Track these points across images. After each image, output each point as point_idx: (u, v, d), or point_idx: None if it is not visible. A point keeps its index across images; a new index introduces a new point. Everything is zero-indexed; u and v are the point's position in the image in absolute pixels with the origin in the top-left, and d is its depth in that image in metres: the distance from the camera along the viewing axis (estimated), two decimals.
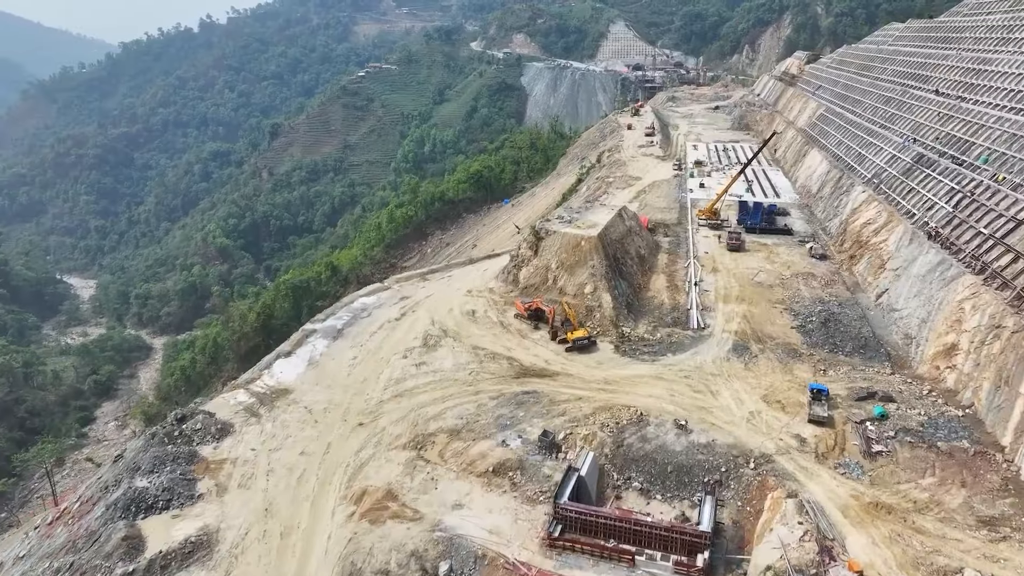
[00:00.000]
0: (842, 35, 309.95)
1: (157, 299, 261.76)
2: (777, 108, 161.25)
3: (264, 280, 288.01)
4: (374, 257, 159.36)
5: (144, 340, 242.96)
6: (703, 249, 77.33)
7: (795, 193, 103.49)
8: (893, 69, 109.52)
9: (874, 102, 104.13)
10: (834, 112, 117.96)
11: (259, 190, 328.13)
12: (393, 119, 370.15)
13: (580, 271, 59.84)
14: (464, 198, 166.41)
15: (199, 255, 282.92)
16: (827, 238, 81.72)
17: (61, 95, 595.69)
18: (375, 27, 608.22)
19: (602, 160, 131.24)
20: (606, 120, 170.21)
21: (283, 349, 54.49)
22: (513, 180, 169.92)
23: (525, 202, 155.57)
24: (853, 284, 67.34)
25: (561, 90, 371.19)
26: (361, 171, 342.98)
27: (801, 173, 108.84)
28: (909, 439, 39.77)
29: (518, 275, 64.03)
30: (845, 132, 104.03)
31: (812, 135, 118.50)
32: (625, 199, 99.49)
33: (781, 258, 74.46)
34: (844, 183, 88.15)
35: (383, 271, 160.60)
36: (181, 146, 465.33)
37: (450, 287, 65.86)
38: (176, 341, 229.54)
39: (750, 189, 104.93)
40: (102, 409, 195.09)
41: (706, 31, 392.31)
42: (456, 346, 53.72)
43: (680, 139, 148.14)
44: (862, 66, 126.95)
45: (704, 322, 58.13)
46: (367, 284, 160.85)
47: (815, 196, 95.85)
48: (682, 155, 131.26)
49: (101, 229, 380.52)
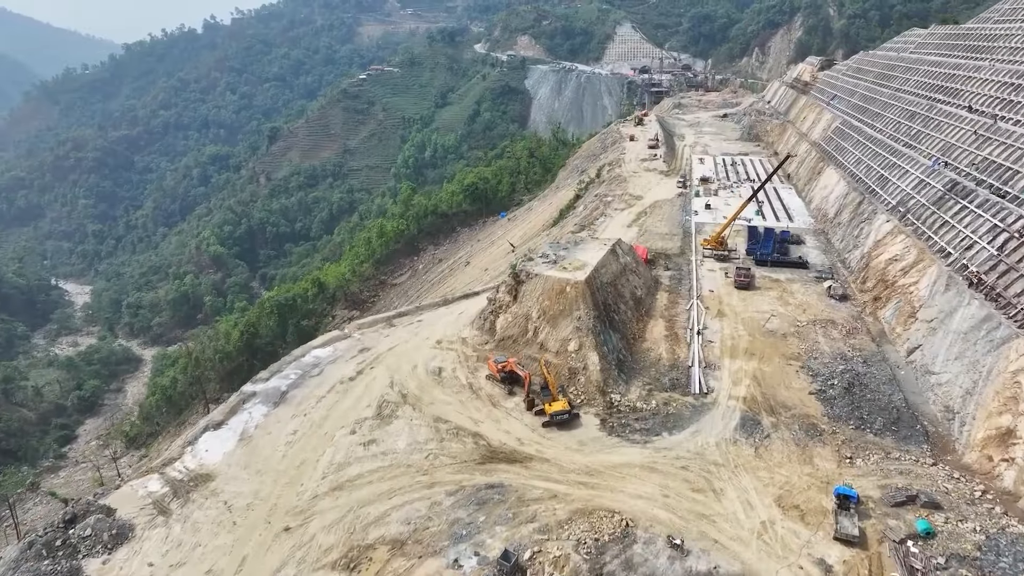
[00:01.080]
0: (855, 38, 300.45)
1: (148, 309, 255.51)
2: (789, 118, 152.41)
3: (259, 289, 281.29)
4: (363, 273, 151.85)
5: (134, 352, 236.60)
6: (708, 287, 68.99)
7: (809, 216, 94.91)
8: (917, 80, 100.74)
9: (897, 116, 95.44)
10: (851, 126, 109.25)
11: (256, 196, 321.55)
12: (394, 123, 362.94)
13: (564, 323, 51.68)
14: (459, 211, 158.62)
15: (192, 263, 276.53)
16: (847, 272, 73.20)
17: (64, 96, 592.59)
18: (379, 28, 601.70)
19: (601, 175, 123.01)
20: (607, 130, 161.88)
21: (214, 418, 46.59)
22: (510, 192, 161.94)
23: (522, 216, 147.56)
24: (879, 333, 58.90)
25: (566, 94, 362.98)
26: (361, 176, 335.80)
27: (816, 193, 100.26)
28: (964, 572, 31.45)
29: (495, 323, 55.98)
30: (864, 149, 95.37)
31: (827, 150, 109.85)
32: (623, 223, 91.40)
33: (796, 298, 66.06)
34: (865, 209, 79.59)
35: (372, 288, 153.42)
36: (182, 149, 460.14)
37: (418, 336, 57.79)
38: (165, 353, 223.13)
39: (760, 211, 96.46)
40: (85, 427, 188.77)
41: (715, 33, 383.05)
42: (415, 417, 45.70)
43: (686, 151, 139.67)
44: (881, 75, 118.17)
45: (707, 385, 49.89)
46: (355, 302, 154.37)
47: (832, 221, 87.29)
48: (687, 170, 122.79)
49: (98, 234, 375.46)
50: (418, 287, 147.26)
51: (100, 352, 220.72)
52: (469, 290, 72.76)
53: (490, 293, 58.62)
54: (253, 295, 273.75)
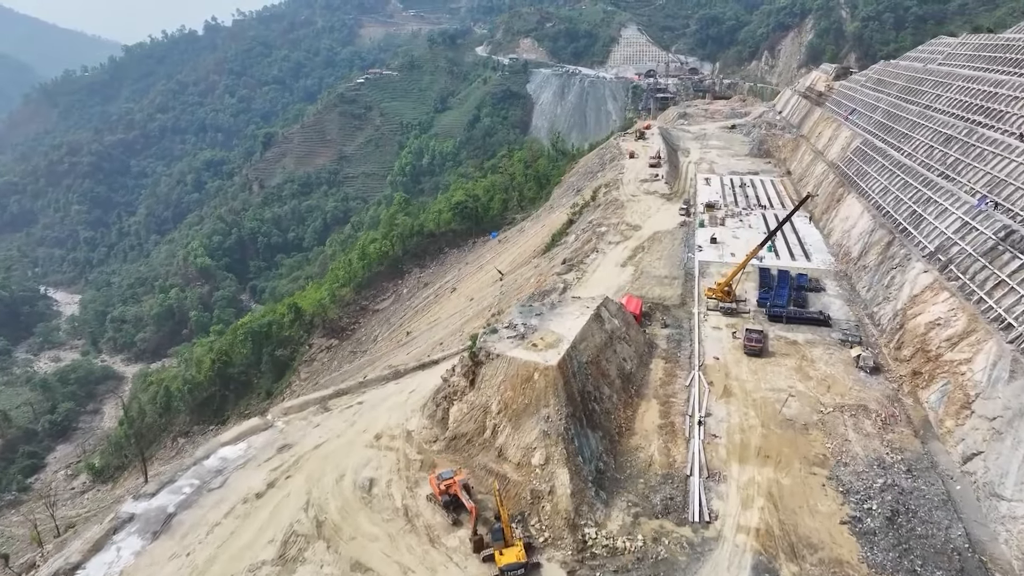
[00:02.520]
0: (868, 41, 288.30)
1: (132, 323, 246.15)
2: (802, 132, 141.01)
3: (248, 302, 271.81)
4: (343, 298, 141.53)
5: (114, 370, 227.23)
6: (712, 352, 58.05)
7: (829, 253, 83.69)
8: (950, 98, 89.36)
9: (928, 139, 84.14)
10: (874, 147, 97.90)
11: (248, 204, 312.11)
12: (392, 128, 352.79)
13: (529, 424, 40.92)
14: (447, 231, 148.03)
15: (179, 275, 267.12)
16: (876, 332, 62.07)
17: (62, 99, 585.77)
18: (381, 30, 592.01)
19: (597, 198, 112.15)
20: (606, 145, 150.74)
21: (71, 559, 36.03)
22: (503, 210, 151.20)
23: (513, 238, 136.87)
24: (922, 422, 47.88)
25: (569, 98, 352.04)
26: (356, 184, 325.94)
27: (836, 224, 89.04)
28: None
29: (448, 412, 45.30)
30: (892, 177, 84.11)
31: (848, 174, 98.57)
32: (617, 260, 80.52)
33: (818, 369, 55.05)
34: (896, 252, 68.39)
35: (352, 314, 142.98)
36: (179, 153, 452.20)
37: (354, 426, 47.06)
38: (147, 372, 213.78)
39: (773, 246, 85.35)
40: (55, 454, 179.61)
41: (723, 36, 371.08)
42: (327, 562, 35.01)
43: (690, 169, 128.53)
44: (907, 89, 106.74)
45: (710, 508, 39.02)
46: (334, 329, 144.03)
47: (856, 263, 76.10)
48: (692, 193, 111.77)
49: (91, 241, 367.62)
50: (401, 313, 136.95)
51: (78, 371, 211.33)
52: (427, 357, 61.96)
53: (446, 369, 47.86)
54: (242, 308, 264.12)
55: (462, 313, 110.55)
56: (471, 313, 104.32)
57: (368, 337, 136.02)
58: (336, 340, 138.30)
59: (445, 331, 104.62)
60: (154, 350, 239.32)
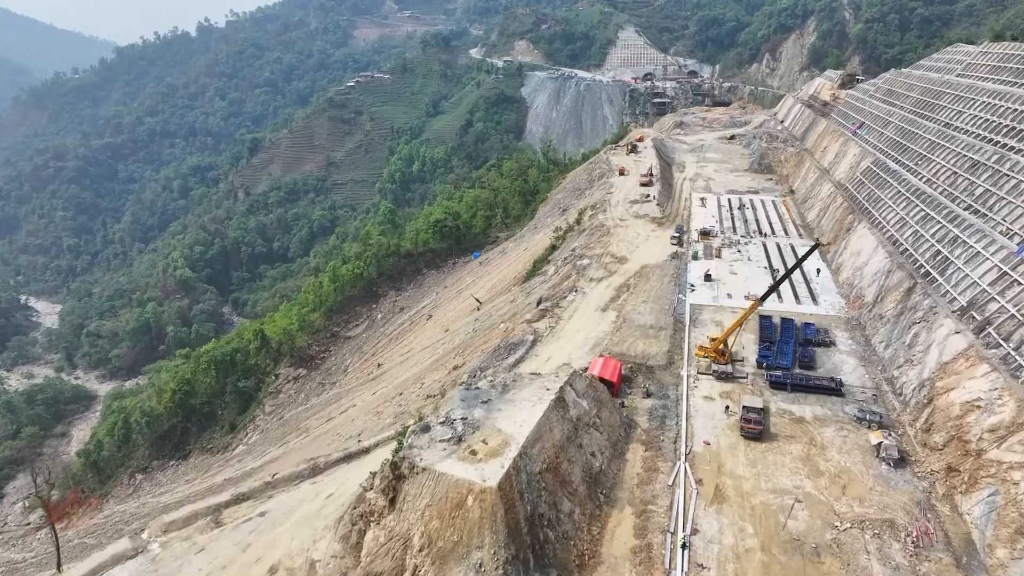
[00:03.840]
0: (872, 43, 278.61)
1: (108, 339, 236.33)
2: (806, 145, 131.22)
3: (230, 315, 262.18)
4: (313, 324, 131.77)
5: (86, 389, 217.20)
6: (702, 433, 48.28)
7: (839, 294, 73.78)
8: (974, 115, 79.47)
9: (951, 163, 74.28)
10: (887, 168, 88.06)
11: (232, 212, 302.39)
12: (382, 133, 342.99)
13: (456, 572, 31.16)
14: (425, 250, 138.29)
15: (158, 288, 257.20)
16: (899, 404, 52.25)
17: (52, 101, 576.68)
18: (375, 31, 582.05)
19: (582, 221, 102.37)
20: (595, 160, 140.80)
21: None
22: (486, 228, 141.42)
23: (495, 261, 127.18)
24: (964, 545, 38.10)
25: (564, 102, 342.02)
26: (345, 191, 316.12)
27: (846, 258, 79.16)
28: None
29: (363, 538, 35.54)
30: (909, 207, 74.28)
31: (858, 198, 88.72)
32: (598, 304, 70.68)
33: (830, 460, 45.30)
34: (919, 303, 58.58)
35: (322, 342, 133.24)
36: (168, 157, 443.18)
37: (247, 554, 37.27)
38: (121, 390, 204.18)
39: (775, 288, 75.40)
40: (15, 483, 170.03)
41: (723, 37, 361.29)
42: None
43: (685, 187, 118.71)
44: (922, 102, 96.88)
45: None
46: (303, 358, 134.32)
47: (871, 309, 66.25)
48: (685, 216, 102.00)
49: (74, 248, 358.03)
50: (374, 341, 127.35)
51: (46, 391, 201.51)
52: (358, 440, 52.10)
53: (366, 478, 38.05)
54: (223, 321, 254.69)
55: (432, 349, 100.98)
56: (441, 351, 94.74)
57: (338, 367, 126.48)
58: (304, 370, 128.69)
59: (414, 369, 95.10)
60: (130, 367, 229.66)
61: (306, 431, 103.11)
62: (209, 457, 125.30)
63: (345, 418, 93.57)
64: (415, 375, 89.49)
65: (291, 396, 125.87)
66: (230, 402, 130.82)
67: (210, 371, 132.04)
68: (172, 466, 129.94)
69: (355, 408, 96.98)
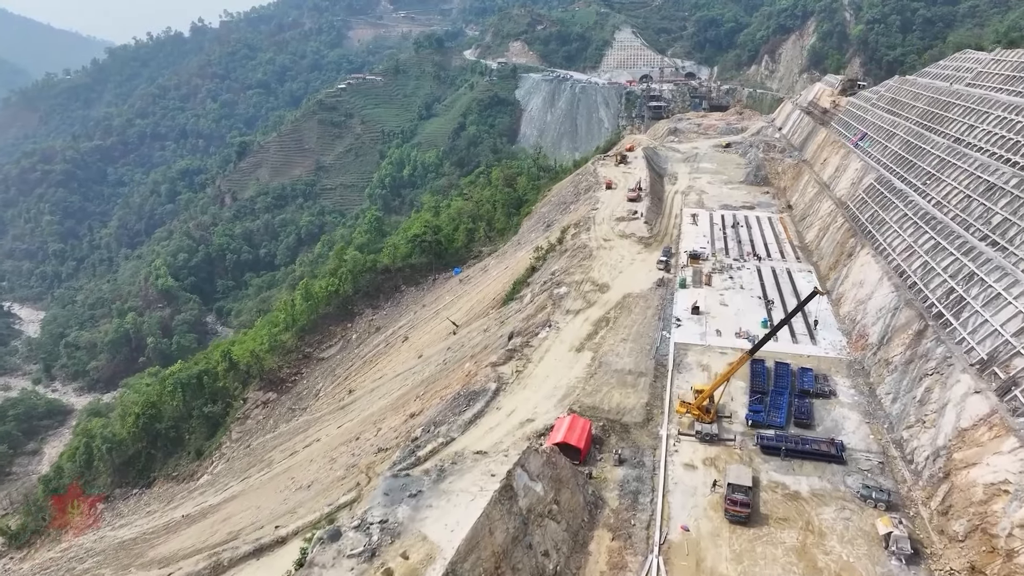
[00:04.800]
0: (874, 45, 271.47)
1: (86, 350, 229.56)
2: (805, 156, 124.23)
3: (214, 324, 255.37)
4: (284, 345, 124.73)
5: (61, 403, 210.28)
6: (681, 515, 41.32)
7: (839, 330, 66.74)
8: (988, 131, 72.50)
9: (964, 185, 67.30)
10: (892, 187, 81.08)
11: (218, 218, 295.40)
12: (373, 137, 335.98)
13: None
14: (404, 266, 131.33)
15: (140, 297, 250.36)
16: (908, 474, 45.26)
17: (43, 103, 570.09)
18: (370, 32, 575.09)
19: (564, 240, 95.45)
20: (583, 171, 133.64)
21: None
22: (468, 242, 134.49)
23: (475, 279, 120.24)
24: None
25: (559, 105, 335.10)
26: (334, 196, 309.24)
27: (848, 289, 72.14)
28: None
29: None
30: (918, 233, 67.29)
31: (861, 220, 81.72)
32: (572, 342, 63.69)
33: (830, 551, 38.40)
34: (931, 350, 51.61)
35: (294, 364, 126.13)
36: (158, 160, 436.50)
37: None
38: (97, 405, 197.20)
39: (769, 317, 68.55)
40: None
41: (721, 39, 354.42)
42: None
43: (676, 201, 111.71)
44: (929, 114, 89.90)
45: None
46: (272, 381, 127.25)
47: (876, 351, 59.26)
48: (675, 235, 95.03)
49: (60, 254, 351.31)
50: (348, 363, 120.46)
51: (19, 406, 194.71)
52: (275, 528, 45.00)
53: None
54: (207, 332, 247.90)
55: (403, 378, 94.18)
56: (411, 383, 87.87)
57: (309, 391, 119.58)
58: (274, 394, 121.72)
59: (380, 403, 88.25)
60: (108, 379, 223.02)
61: (268, 465, 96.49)
62: (174, 486, 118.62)
63: (306, 456, 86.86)
64: (379, 411, 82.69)
65: (259, 422, 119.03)
66: (197, 427, 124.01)
67: (176, 394, 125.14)
68: (135, 494, 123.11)
69: (318, 444, 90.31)
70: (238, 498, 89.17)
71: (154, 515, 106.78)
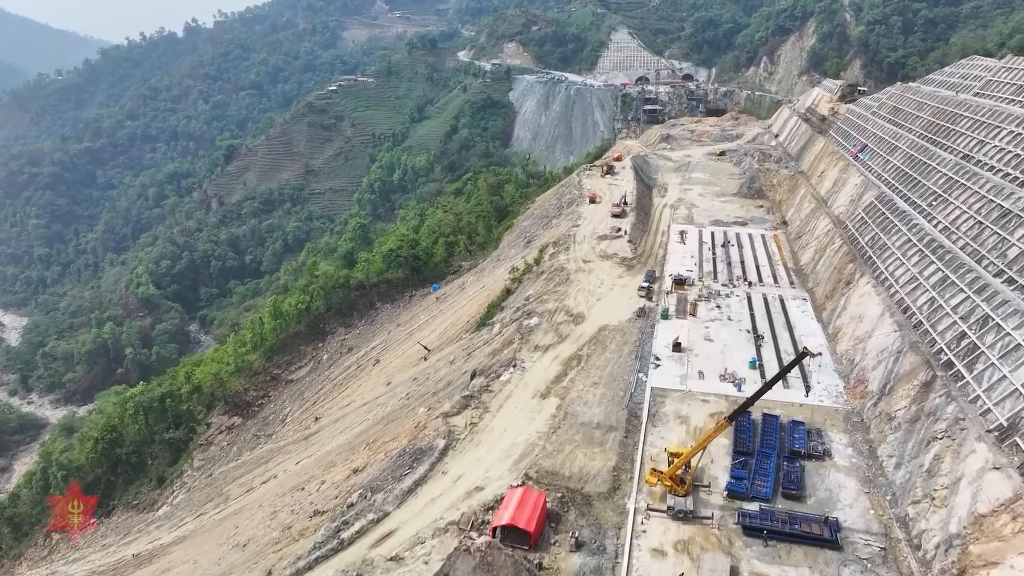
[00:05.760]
0: (875, 47, 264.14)
1: (63, 361, 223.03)
2: (802, 167, 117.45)
3: (197, 334, 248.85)
4: (251, 367, 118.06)
5: (35, 416, 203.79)
6: None
7: (835, 371, 59.95)
8: (1000, 148, 65.65)
9: (975, 210, 60.49)
10: (895, 208, 74.33)
11: (204, 224, 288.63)
12: (364, 140, 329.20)
13: None
14: (380, 281, 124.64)
15: (120, 305, 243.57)
16: (916, 563, 38.48)
17: (34, 103, 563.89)
18: (365, 32, 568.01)
19: (542, 261, 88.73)
20: (567, 182, 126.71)
21: None
22: (448, 257, 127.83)
23: (452, 296, 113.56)
24: None
25: (554, 107, 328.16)
26: (323, 201, 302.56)
27: (845, 323, 65.35)
28: None
29: None
30: (923, 263, 60.53)
31: (860, 242, 74.96)
32: (538, 386, 56.99)
33: None
34: (940, 408, 44.85)
35: (261, 386, 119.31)
36: (149, 162, 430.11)
37: None
38: (72, 419, 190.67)
39: (757, 360, 61.82)
40: None
41: (719, 40, 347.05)
42: None
43: (664, 216, 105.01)
44: (935, 126, 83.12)
45: None
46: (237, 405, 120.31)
47: (875, 401, 52.47)
48: (661, 255, 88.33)
49: (45, 258, 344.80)
50: (318, 386, 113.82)
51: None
52: None
53: None
54: (189, 342, 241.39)
55: (369, 408, 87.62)
56: (372, 417, 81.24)
57: (276, 416, 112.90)
58: (240, 418, 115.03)
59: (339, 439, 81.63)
60: (85, 391, 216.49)
61: (225, 500, 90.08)
62: (133, 515, 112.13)
63: (259, 496, 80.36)
64: (336, 449, 76.10)
65: (223, 449, 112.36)
66: (160, 452, 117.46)
67: (138, 417, 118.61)
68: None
69: (274, 481, 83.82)
70: (187, 540, 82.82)
71: (108, 549, 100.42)
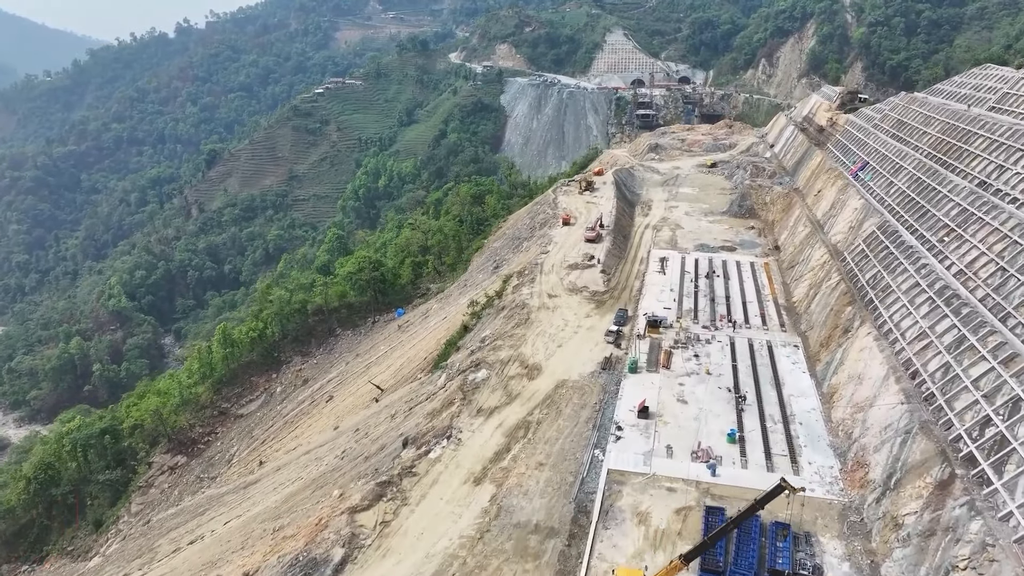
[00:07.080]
0: (876, 49, 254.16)
1: (28, 377, 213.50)
2: (797, 183, 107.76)
3: (171, 347, 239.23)
4: (198, 400, 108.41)
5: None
6: None
7: (830, 446, 50.19)
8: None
9: (997, 251, 50.84)
10: (899, 241, 64.62)
11: (182, 232, 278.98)
12: (349, 145, 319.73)
13: None
14: (341, 305, 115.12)
15: (91, 318, 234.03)
16: None
17: (22, 105, 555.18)
18: (358, 33, 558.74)
19: (504, 294, 79.08)
20: (541, 200, 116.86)
21: None
22: (415, 279, 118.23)
23: (415, 325, 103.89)
24: None
25: (546, 111, 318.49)
26: (306, 208, 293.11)
27: (843, 381, 55.66)
28: None
29: None
30: (935, 316, 50.82)
31: (860, 280, 65.24)
32: (472, 465, 47.41)
33: None
34: (962, 521, 35.25)
35: (207, 422, 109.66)
36: (135, 166, 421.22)
37: None
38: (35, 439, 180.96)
39: (737, 434, 52.13)
40: None
41: (717, 41, 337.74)
42: None
43: (645, 239, 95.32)
44: (944, 145, 73.39)
45: None
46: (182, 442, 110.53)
47: (878, 496, 42.78)
48: (637, 287, 78.63)
49: (24, 265, 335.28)
50: (268, 422, 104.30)
51: None
52: None
53: None
54: (162, 356, 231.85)
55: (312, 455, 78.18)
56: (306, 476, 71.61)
57: (222, 456, 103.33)
58: (184, 457, 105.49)
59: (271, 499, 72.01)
60: (51, 409, 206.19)
61: (152, 559, 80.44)
62: (67, 563, 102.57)
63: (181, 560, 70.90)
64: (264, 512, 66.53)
65: (164, 492, 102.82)
66: (99, 493, 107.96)
67: (76, 454, 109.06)
68: (24, 572, 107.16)
69: (200, 543, 74.27)
70: None
71: None
